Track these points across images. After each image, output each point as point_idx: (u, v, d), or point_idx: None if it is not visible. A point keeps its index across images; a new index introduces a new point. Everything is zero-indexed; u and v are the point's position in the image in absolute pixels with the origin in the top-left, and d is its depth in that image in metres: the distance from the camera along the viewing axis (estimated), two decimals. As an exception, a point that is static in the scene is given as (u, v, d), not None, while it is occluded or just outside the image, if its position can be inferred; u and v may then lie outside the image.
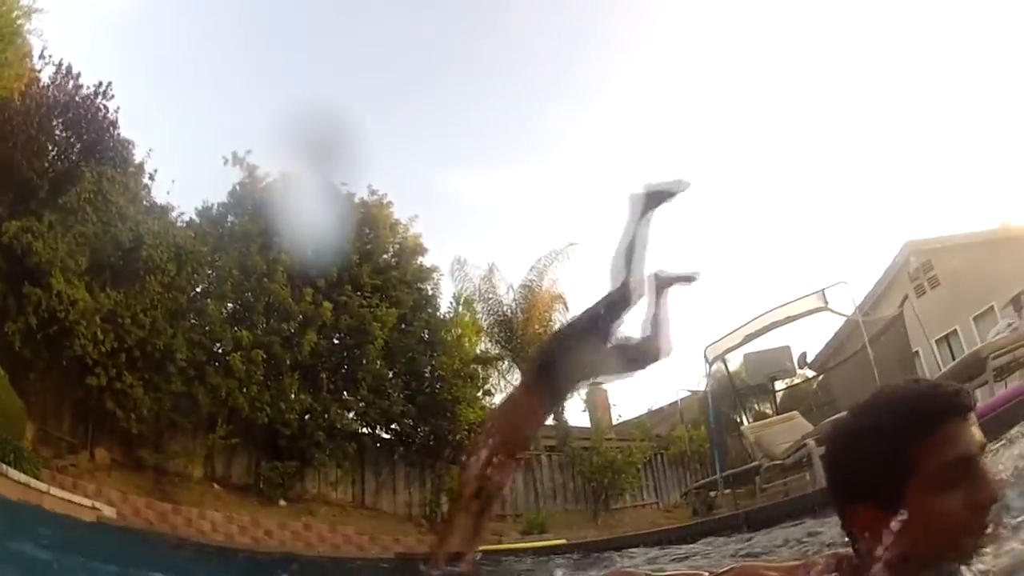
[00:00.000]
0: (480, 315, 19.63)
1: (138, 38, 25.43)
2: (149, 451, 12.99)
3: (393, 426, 16.44)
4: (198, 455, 13.67)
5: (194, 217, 15.61)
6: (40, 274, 11.69)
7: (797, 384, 17.21)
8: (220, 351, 14.30)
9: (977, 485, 1.07)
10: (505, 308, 19.90)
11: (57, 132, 12.77)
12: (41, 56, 12.20)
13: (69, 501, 10.01)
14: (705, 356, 15.30)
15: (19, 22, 10.53)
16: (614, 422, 20.83)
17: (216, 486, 13.76)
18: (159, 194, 14.67)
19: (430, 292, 17.85)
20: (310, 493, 14.89)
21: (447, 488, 15.63)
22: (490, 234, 34.68)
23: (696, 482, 16.94)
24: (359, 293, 16.02)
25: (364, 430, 16.20)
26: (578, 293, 21.60)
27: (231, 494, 13.64)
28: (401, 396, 16.08)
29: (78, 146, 13.03)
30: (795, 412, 13.79)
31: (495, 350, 19.63)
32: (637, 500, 18.94)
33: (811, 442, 9.99)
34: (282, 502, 14.04)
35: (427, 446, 16.38)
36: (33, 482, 9.39)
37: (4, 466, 8.94)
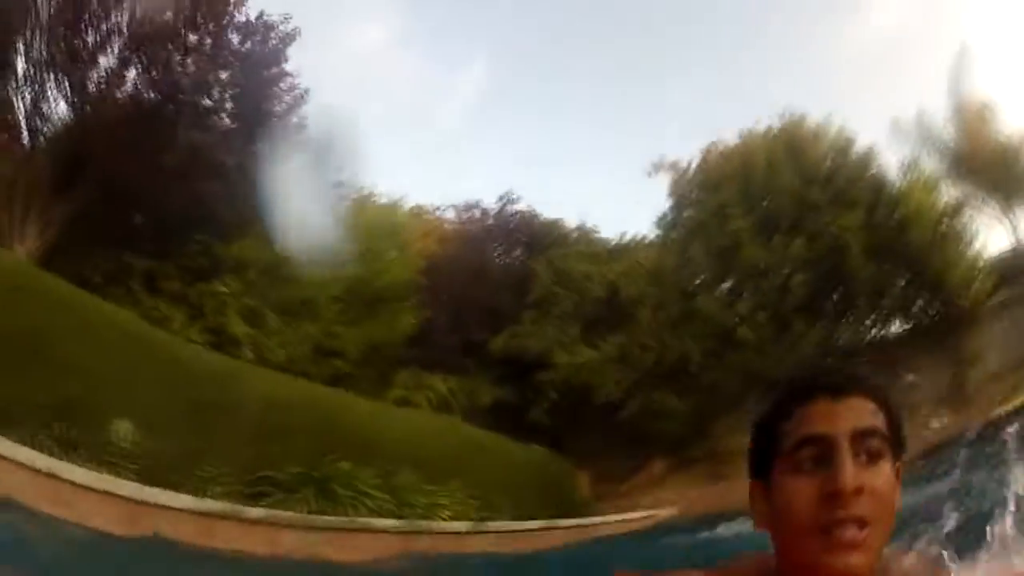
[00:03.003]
0: (932, 167, 16.47)
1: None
2: (696, 447, 14.55)
3: (900, 316, 15.72)
4: (741, 428, 14.50)
5: (654, 234, 17.34)
6: (542, 359, 15.10)
7: None
8: (732, 328, 15.11)
9: (829, 474, 0.93)
10: (950, 143, 16.66)
11: (496, 248, 16.46)
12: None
13: (622, 521, 12.43)
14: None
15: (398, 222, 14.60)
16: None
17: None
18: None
19: (877, 173, 15.97)
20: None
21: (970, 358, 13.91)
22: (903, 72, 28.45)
23: None
24: (816, 214, 15.24)
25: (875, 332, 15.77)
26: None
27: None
28: (899, 283, 15.27)
29: (518, 251, 16.44)
30: None
31: (960, 192, 16.33)
32: None
33: None
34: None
35: (934, 323, 15.06)
36: (584, 520, 12.16)
37: (557, 520, 11.86)
